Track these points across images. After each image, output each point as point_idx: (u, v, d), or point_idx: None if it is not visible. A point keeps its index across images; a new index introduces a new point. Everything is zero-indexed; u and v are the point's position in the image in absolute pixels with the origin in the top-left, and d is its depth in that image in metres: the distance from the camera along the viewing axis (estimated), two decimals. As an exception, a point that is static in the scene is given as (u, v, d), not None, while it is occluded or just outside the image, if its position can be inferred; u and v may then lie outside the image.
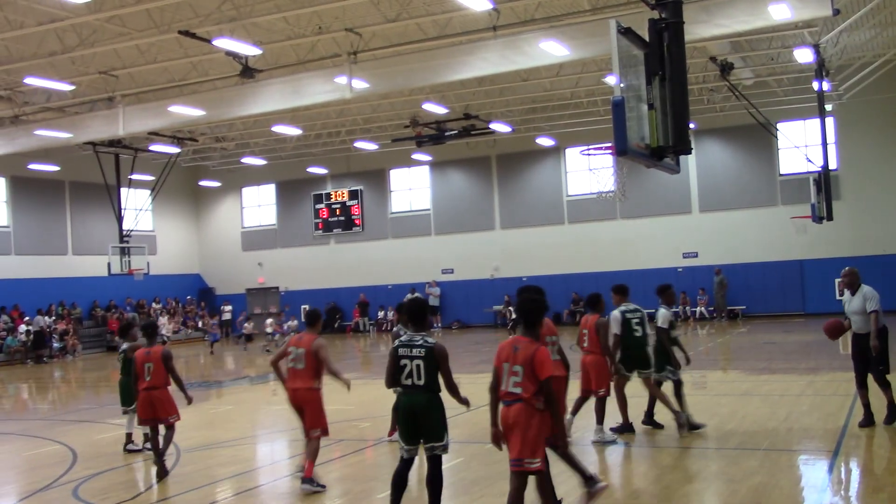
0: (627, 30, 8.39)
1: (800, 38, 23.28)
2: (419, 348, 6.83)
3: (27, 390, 22.96)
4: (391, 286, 36.95)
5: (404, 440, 6.94)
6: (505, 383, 6.29)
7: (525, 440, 6.16)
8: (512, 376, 6.24)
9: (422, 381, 6.80)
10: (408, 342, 6.89)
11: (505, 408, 6.30)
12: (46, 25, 18.93)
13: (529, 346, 6.27)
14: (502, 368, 6.34)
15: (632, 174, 27.31)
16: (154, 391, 9.83)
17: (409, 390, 6.87)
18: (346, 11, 19.64)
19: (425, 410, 6.84)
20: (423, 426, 6.84)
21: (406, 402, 6.89)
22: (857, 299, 10.25)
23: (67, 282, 34.52)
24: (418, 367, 6.80)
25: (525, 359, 6.21)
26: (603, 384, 10.48)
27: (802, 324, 28.21)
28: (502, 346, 6.46)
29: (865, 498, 7.71)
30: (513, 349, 6.32)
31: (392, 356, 6.98)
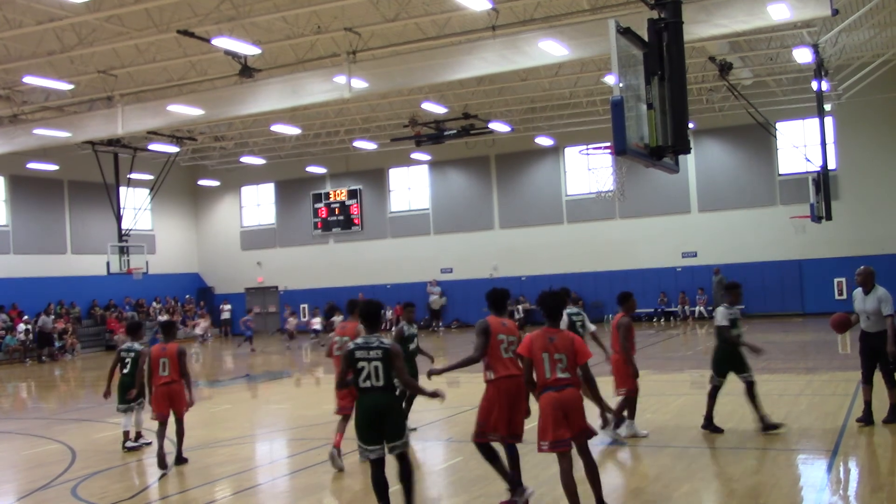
0: (626, 30, 8.40)
1: (799, 37, 23.30)
2: (376, 350, 6.91)
3: (26, 389, 22.95)
4: (390, 286, 36.96)
5: (367, 442, 6.95)
6: (550, 371, 6.80)
7: (583, 417, 6.88)
8: (557, 364, 6.80)
9: (381, 381, 6.89)
10: (364, 344, 6.96)
11: (556, 393, 6.78)
12: (45, 24, 18.92)
13: (565, 335, 6.94)
14: (541, 358, 6.83)
15: (631, 174, 27.35)
16: (172, 385, 10.27)
17: (370, 392, 6.93)
18: (345, 11, 19.64)
19: (388, 410, 6.97)
20: (387, 426, 6.94)
21: (367, 404, 6.94)
22: (872, 299, 10.28)
23: (66, 281, 34.50)
24: (377, 369, 6.88)
25: (566, 347, 6.83)
26: (623, 384, 10.30)
27: (801, 324, 28.24)
28: (534, 337, 6.91)
29: (864, 497, 7.72)
30: (548, 339, 6.87)
31: (347, 359, 7.04)
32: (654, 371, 17.77)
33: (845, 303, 30.22)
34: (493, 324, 7.38)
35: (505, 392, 7.29)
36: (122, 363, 11.69)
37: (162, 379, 10.26)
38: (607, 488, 8.29)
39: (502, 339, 7.34)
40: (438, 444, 11.24)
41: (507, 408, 7.31)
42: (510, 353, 7.35)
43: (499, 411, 7.34)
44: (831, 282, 30.38)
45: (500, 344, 7.32)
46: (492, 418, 7.35)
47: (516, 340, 7.38)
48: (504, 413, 7.31)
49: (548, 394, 6.81)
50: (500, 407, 7.33)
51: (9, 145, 26.90)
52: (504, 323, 7.45)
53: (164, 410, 10.28)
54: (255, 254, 40.84)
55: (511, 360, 7.33)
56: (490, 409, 7.36)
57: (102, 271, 31.46)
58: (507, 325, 7.46)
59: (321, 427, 12.58)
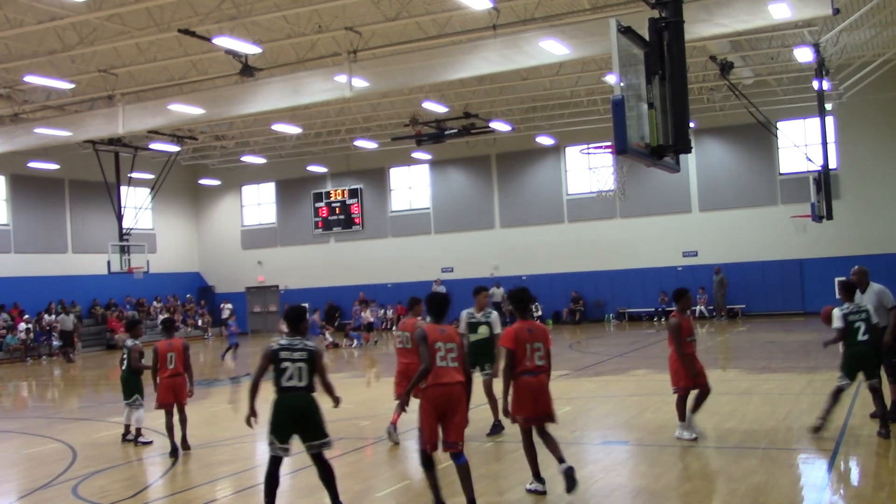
0: (627, 29, 8.39)
1: (800, 37, 23.29)
2: (301, 351, 7.24)
3: (27, 388, 22.96)
4: (391, 285, 36.97)
5: (280, 439, 7.24)
6: (530, 360, 7.72)
7: (550, 402, 7.86)
8: (536, 352, 7.75)
9: (304, 382, 7.22)
10: (288, 346, 7.27)
11: (533, 378, 7.73)
12: (46, 24, 18.93)
13: (539, 326, 7.95)
14: (525, 349, 7.70)
15: (632, 173, 27.34)
16: (177, 377, 11.01)
17: (292, 391, 7.22)
18: (346, 10, 19.64)
19: (310, 410, 7.25)
20: (308, 426, 7.25)
21: (289, 403, 7.21)
22: (869, 296, 10.37)
23: (67, 280, 34.51)
24: (300, 370, 7.20)
25: (543, 336, 7.83)
26: (677, 381, 10.08)
27: (802, 323, 28.21)
28: (517, 330, 7.75)
29: (865, 497, 7.71)
30: (527, 331, 7.78)
31: (269, 358, 7.27)
32: (655, 370, 17.78)
33: (846, 302, 30.32)
34: (430, 332, 7.34)
35: (433, 400, 7.23)
36: (121, 360, 12.07)
37: (168, 371, 10.98)
38: (608, 488, 8.31)
39: (439, 347, 7.29)
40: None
41: (435, 417, 7.25)
42: (447, 361, 7.27)
43: (428, 420, 7.26)
44: (832, 281, 30.21)
45: (437, 352, 7.26)
46: (425, 427, 7.28)
47: (455, 347, 7.33)
48: (433, 422, 7.24)
49: (525, 377, 7.71)
50: (429, 416, 7.25)
51: (10, 144, 26.91)
52: (442, 330, 7.38)
53: (170, 400, 10.99)
54: (256, 253, 40.85)
55: (445, 369, 7.25)
56: (423, 418, 7.31)
57: (103, 270, 31.47)
58: (445, 331, 7.39)
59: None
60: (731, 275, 31.58)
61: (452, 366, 7.29)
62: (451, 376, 7.27)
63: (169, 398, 11.01)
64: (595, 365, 19.19)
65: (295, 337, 7.33)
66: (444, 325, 7.48)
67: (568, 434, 11.06)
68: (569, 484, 7.51)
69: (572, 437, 10.93)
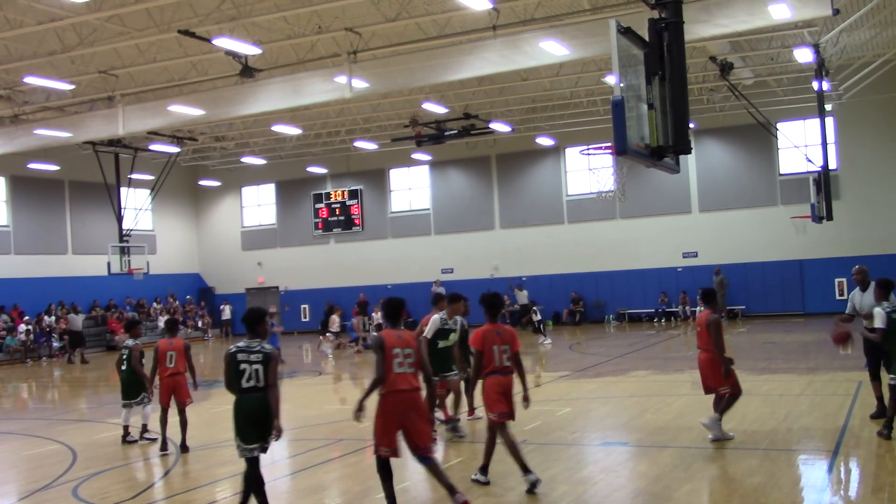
0: (627, 29, 8.39)
1: (799, 37, 23.29)
2: (257, 353, 7.33)
3: (27, 390, 22.95)
4: (391, 286, 36.93)
5: (246, 441, 7.33)
6: (498, 360, 8.18)
7: (512, 401, 8.28)
8: (503, 353, 8.22)
9: (261, 383, 7.31)
10: (246, 348, 7.37)
11: (502, 377, 8.21)
12: (46, 25, 18.93)
13: (507, 329, 8.43)
14: (492, 351, 8.17)
15: (631, 174, 27.33)
16: (177, 376, 11.22)
17: (250, 393, 7.30)
18: (346, 11, 19.64)
19: (265, 410, 7.31)
20: (264, 426, 7.32)
21: (247, 404, 7.32)
22: (869, 296, 10.43)
23: (67, 281, 34.50)
24: (257, 371, 7.30)
25: (510, 339, 8.29)
26: (722, 382, 9.90)
27: (802, 324, 28.22)
28: (485, 333, 8.23)
29: (865, 498, 7.71)
30: (496, 333, 8.27)
31: (229, 361, 7.38)
32: (655, 371, 17.77)
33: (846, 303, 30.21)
34: (387, 338, 7.31)
35: (392, 407, 7.22)
36: (120, 360, 12.08)
37: (168, 370, 11.21)
38: (608, 489, 8.31)
39: (397, 353, 7.26)
40: (438, 445, 11.23)
41: (395, 424, 7.25)
42: (405, 367, 7.26)
43: (386, 426, 7.25)
44: (832, 282, 30.36)
45: (395, 358, 7.24)
46: (380, 434, 7.27)
47: (413, 353, 7.32)
48: (392, 428, 7.25)
49: (494, 377, 8.20)
50: (387, 422, 7.24)
51: (10, 145, 26.90)
52: (399, 335, 7.36)
53: (168, 398, 11.19)
54: (256, 254, 40.84)
55: (403, 375, 7.24)
56: (379, 424, 7.29)
57: (103, 272, 31.45)
58: (402, 337, 7.37)
59: (321, 427, 12.60)
60: (731, 275, 31.57)
61: (409, 371, 7.29)
62: (409, 382, 7.28)
63: (167, 397, 11.22)
64: (595, 366, 19.18)
65: (254, 339, 7.42)
66: (402, 331, 7.47)
67: (568, 435, 11.07)
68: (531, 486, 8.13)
69: (572, 437, 10.94)
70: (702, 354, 10.17)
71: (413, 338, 7.48)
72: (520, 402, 8.28)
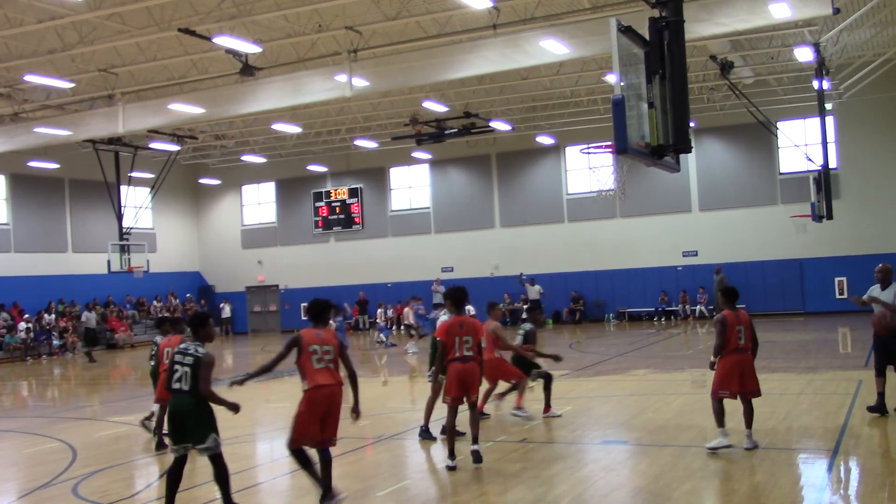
0: (628, 28, 8.39)
1: (800, 36, 23.29)
2: (190, 356, 7.52)
3: (27, 387, 22.96)
4: (391, 284, 36.97)
5: (172, 441, 7.60)
6: (458, 350, 9.10)
7: (477, 389, 9.29)
8: (465, 344, 9.12)
9: (187, 386, 7.47)
10: (183, 350, 7.60)
11: (461, 364, 9.12)
12: (46, 23, 18.92)
13: (470, 321, 9.35)
14: (454, 340, 9.11)
15: (632, 173, 27.30)
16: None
17: (177, 394, 7.53)
18: (346, 9, 19.63)
19: (190, 413, 7.46)
20: (188, 428, 7.46)
21: (174, 405, 7.57)
22: (888, 294, 10.61)
23: (67, 279, 34.51)
24: (186, 374, 7.49)
25: (472, 331, 9.20)
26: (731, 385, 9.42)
27: (802, 323, 28.23)
28: (449, 325, 9.20)
29: (865, 497, 7.71)
30: (459, 326, 9.19)
31: (170, 362, 7.66)
32: (655, 370, 17.78)
33: (846, 302, 30.26)
34: (305, 336, 7.61)
35: (315, 403, 7.51)
36: (150, 356, 12.51)
37: (165, 366, 11.03)
38: (607, 487, 8.31)
39: (315, 350, 7.55)
40: (438, 444, 11.24)
41: (317, 418, 7.53)
42: (324, 363, 7.57)
43: (309, 420, 7.52)
44: (832, 281, 30.38)
45: (313, 355, 7.54)
46: (303, 427, 7.53)
47: (332, 350, 7.63)
48: (315, 422, 7.53)
49: (455, 364, 9.11)
50: (310, 417, 7.51)
51: (10, 143, 26.91)
52: (318, 334, 7.66)
53: (165, 396, 10.82)
54: (256, 252, 40.85)
55: (322, 371, 7.54)
56: (302, 418, 7.53)
57: (103, 270, 31.46)
58: (321, 335, 7.65)
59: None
60: (731, 275, 31.53)
61: (329, 367, 7.60)
62: (328, 378, 7.57)
63: (164, 393, 11.04)
64: (595, 365, 19.19)
65: (196, 341, 7.64)
66: (322, 329, 7.77)
67: (568, 434, 11.07)
68: (475, 459, 9.15)
69: (572, 436, 10.94)
70: (747, 355, 9.47)
71: (334, 336, 7.77)
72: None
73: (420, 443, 10.87)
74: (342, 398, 7.65)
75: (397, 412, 13.77)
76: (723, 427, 9.32)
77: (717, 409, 9.37)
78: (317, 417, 7.52)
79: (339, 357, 7.68)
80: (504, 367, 11.88)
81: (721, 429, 9.31)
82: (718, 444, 9.26)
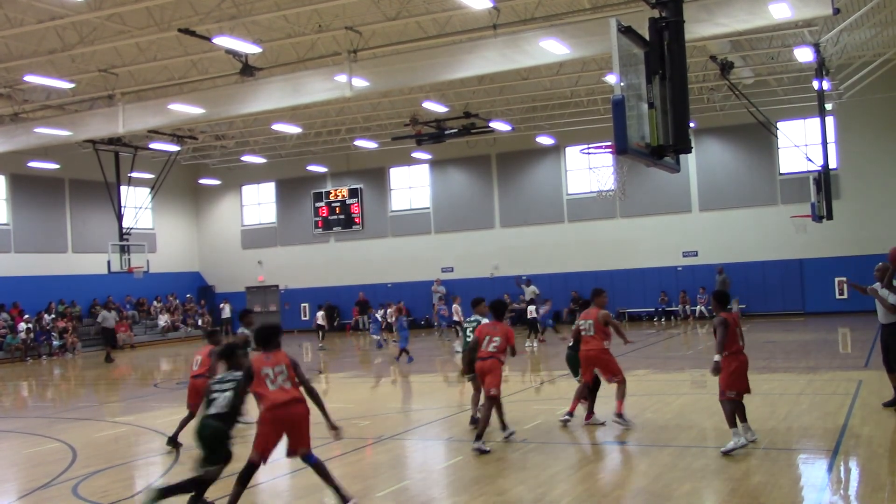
0: (628, 28, 8.38)
1: (800, 37, 23.28)
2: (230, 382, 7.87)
3: (27, 388, 22.96)
4: (391, 284, 36.96)
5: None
6: (486, 346, 10.39)
7: (496, 378, 10.39)
8: (492, 342, 10.36)
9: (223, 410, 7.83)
10: (220, 379, 7.94)
11: (481, 362, 10.40)
12: (46, 23, 18.92)
13: (502, 327, 10.62)
14: (483, 339, 10.47)
15: (632, 173, 27.31)
16: (199, 379, 11.08)
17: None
18: (346, 10, 19.63)
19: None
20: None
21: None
22: (886, 291, 10.78)
23: (67, 280, 34.51)
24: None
25: (502, 333, 10.46)
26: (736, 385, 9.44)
27: (802, 323, 28.24)
28: (483, 326, 10.87)
29: (865, 497, 7.71)
30: (493, 328, 10.58)
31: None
32: (655, 370, 17.77)
33: (846, 302, 30.42)
34: (255, 362, 7.74)
35: (274, 423, 7.62)
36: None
37: (193, 372, 11.36)
38: (607, 487, 8.31)
39: (267, 373, 7.64)
40: (438, 444, 11.25)
41: (277, 436, 7.67)
42: (277, 384, 7.63)
43: (267, 438, 7.64)
44: (832, 281, 30.37)
45: (266, 378, 7.63)
46: (261, 445, 7.67)
47: (284, 369, 7.69)
48: (273, 440, 7.68)
49: (477, 362, 10.44)
50: (270, 436, 7.63)
51: (10, 144, 26.90)
52: (268, 357, 7.74)
53: (194, 402, 10.98)
54: (256, 252, 40.85)
55: (278, 392, 7.62)
56: (261, 438, 7.65)
57: (103, 270, 31.45)
58: (271, 358, 7.73)
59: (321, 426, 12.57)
60: (731, 275, 31.57)
61: (286, 386, 7.65)
62: (286, 395, 7.63)
63: (193, 399, 11.09)
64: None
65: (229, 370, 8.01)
66: (271, 353, 7.76)
67: (568, 434, 11.07)
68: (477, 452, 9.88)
69: (572, 436, 10.94)
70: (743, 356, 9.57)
71: (285, 356, 7.79)
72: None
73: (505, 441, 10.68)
74: (307, 410, 7.68)
75: (396, 413, 13.76)
76: (735, 427, 9.30)
77: (729, 410, 9.34)
78: (278, 436, 7.65)
79: (293, 375, 7.72)
80: (610, 362, 11.35)
81: (734, 429, 9.29)
82: (736, 444, 9.16)
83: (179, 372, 24.10)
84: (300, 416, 7.66)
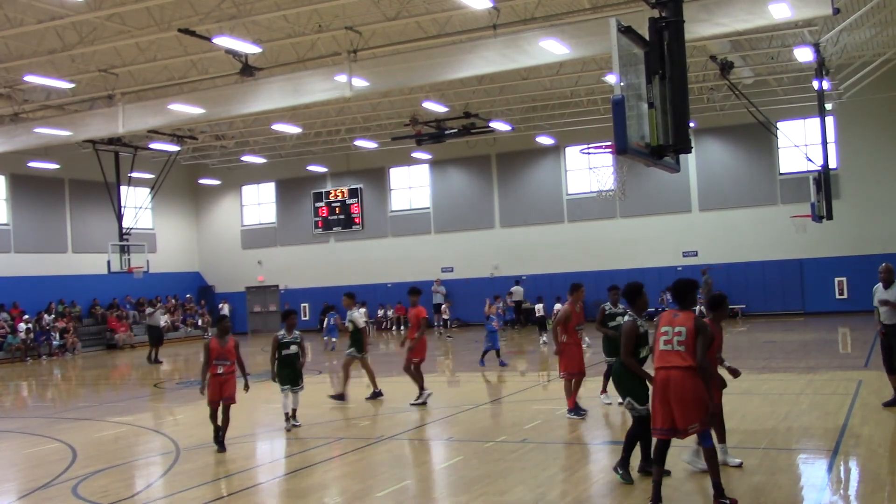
0: (628, 28, 8.39)
1: (800, 36, 23.28)
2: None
3: (27, 388, 22.96)
4: (391, 284, 36.96)
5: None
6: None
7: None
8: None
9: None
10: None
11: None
12: (46, 23, 18.92)
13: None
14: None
15: (632, 173, 27.33)
16: (218, 377, 11.06)
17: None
18: (346, 9, 19.63)
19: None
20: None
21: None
22: (892, 292, 10.86)
23: (67, 280, 34.51)
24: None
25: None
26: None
27: (802, 323, 28.23)
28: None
29: (865, 497, 7.71)
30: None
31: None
32: (655, 370, 17.76)
33: (846, 302, 30.43)
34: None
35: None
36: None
37: (215, 368, 11.10)
38: (607, 487, 8.31)
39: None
40: (439, 444, 11.25)
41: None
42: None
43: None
44: (832, 281, 30.38)
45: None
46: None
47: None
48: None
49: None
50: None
51: (10, 144, 26.90)
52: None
53: (216, 398, 11.05)
54: (256, 252, 40.85)
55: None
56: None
57: (103, 270, 31.43)
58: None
59: (321, 426, 12.60)
60: (731, 275, 31.58)
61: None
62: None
63: (216, 395, 11.07)
64: (594, 365, 19.16)
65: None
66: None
67: (568, 434, 11.08)
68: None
69: (572, 436, 10.95)
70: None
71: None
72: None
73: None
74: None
75: (396, 413, 13.77)
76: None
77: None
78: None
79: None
80: (566, 356, 12.31)
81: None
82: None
83: (179, 372, 24.11)
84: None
